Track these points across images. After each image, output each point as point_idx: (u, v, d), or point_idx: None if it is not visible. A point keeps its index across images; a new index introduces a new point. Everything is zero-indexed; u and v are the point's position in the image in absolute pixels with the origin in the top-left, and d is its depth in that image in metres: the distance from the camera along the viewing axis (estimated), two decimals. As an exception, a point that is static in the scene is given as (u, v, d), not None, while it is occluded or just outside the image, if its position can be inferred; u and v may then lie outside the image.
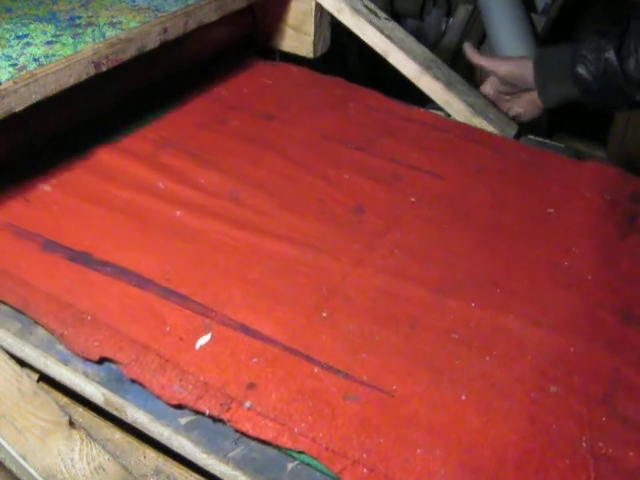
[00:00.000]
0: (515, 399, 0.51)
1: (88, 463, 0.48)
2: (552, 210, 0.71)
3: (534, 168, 0.77)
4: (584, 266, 0.64)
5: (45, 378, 0.55)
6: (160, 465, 0.50)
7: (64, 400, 0.55)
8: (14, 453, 0.49)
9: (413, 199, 0.71)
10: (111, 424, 0.53)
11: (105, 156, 0.73)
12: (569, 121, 1.32)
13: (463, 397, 0.51)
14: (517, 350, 0.55)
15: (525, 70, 0.82)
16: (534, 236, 0.67)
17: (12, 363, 0.54)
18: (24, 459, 0.48)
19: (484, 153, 0.79)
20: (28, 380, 0.53)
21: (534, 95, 0.84)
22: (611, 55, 0.73)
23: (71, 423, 0.51)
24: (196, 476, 0.50)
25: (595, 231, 0.69)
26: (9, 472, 0.50)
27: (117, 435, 0.52)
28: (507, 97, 0.88)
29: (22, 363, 0.55)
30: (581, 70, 0.75)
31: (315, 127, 0.81)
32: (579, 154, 0.89)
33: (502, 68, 0.84)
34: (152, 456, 0.51)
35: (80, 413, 0.54)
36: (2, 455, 0.50)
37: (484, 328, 0.57)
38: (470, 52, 0.88)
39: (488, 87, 0.89)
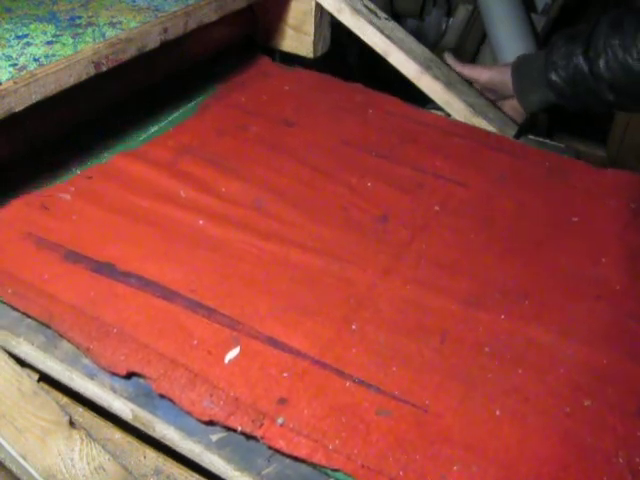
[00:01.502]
0: (549, 413, 0.50)
1: (88, 463, 0.48)
2: (577, 219, 0.70)
3: (557, 176, 0.76)
4: (612, 276, 0.63)
5: (45, 378, 0.54)
6: (160, 465, 0.50)
7: (64, 400, 0.54)
8: (14, 453, 0.48)
9: (437, 208, 0.70)
10: (111, 424, 0.53)
11: (124, 163, 0.72)
12: (569, 121, 1.32)
13: (497, 412, 0.50)
14: (549, 363, 0.54)
15: (505, 77, 0.84)
16: (560, 246, 0.67)
17: (12, 363, 0.53)
18: (24, 459, 0.48)
19: (506, 160, 0.79)
20: (28, 380, 0.52)
21: (515, 101, 0.86)
22: (580, 60, 0.74)
23: (71, 423, 0.50)
24: (196, 476, 0.49)
25: (621, 240, 0.68)
26: (9, 472, 0.49)
27: (117, 435, 0.52)
28: None
29: (22, 363, 0.54)
30: (553, 77, 0.77)
31: (335, 134, 0.80)
32: (579, 154, 0.90)
33: (483, 76, 0.87)
34: (152, 456, 0.51)
35: (80, 413, 0.54)
36: (2, 455, 0.49)
37: (515, 341, 0.56)
38: (451, 62, 0.90)
39: None
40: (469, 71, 0.89)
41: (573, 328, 0.57)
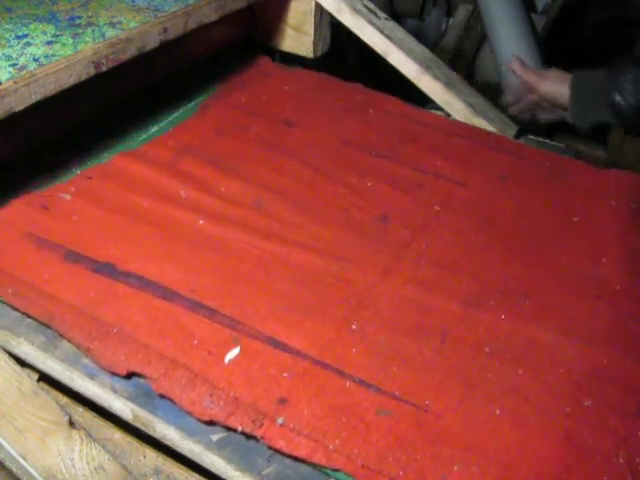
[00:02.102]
0: (550, 413, 0.50)
1: (88, 463, 0.48)
2: (577, 219, 0.70)
3: (558, 176, 0.76)
4: (612, 276, 0.63)
5: (45, 378, 0.54)
6: (160, 465, 0.50)
7: (64, 400, 0.54)
8: (14, 453, 0.48)
9: (437, 208, 0.70)
10: (111, 424, 0.53)
11: (124, 163, 0.72)
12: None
13: (497, 412, 0.50)
14: (549, 363, 0.54)
15: (562, 91, 0.84)
16: (560, 246, 0.67)
17: (12, 363, 0.53)
18: (24, 459, 0.48)
19: (506, 160, 0.79)
20: (28, 380, 0.53)
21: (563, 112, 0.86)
22: None
23: (71, 423, 0.50)
24: (196, 476, 0.50)
25: (621, 240, 0.68)
26: (9, 472, 0.50)
27: (117, 435, 0.52)
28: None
29: (22, 363, 0.54)
30: (618, 99, 0.78)
31: (336, 134, 0.80)
32: (579, 154, 0.90)
33: (542, 87, 0.87)
34: (152, 456, 0.51)
35: (80, 413, 0.54)
36: (2, 455, 0.49)
37: (515, 341, 0.56)
38: (517, 65, 0.90)
39: (526, 101, 0.91)
40: (528, 77, 0.89)
41: (573, 328, 0.57)
